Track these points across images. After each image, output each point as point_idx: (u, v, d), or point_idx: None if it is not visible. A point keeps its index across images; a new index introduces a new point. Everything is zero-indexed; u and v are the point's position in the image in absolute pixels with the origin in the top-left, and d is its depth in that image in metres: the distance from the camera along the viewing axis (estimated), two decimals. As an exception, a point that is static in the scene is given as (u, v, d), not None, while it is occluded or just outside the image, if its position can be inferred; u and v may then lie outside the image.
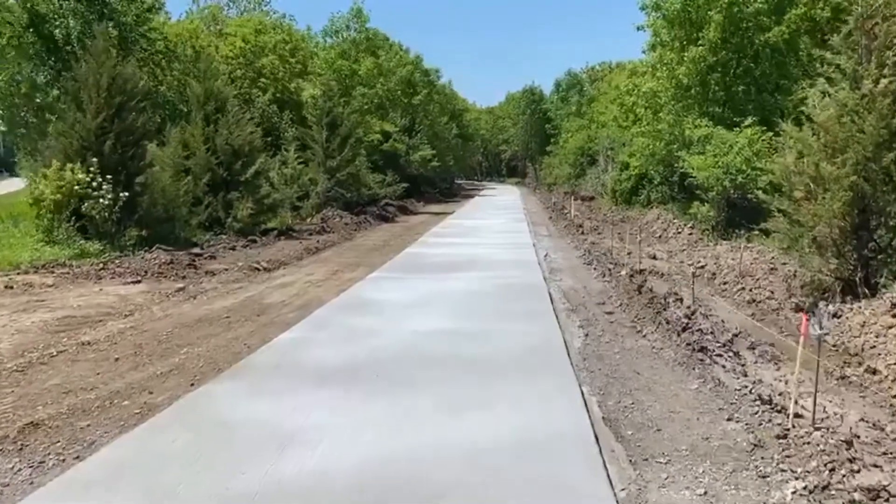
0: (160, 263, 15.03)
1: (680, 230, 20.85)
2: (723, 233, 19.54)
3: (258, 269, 15.95)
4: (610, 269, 15.15)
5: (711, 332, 9.08)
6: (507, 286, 13.50)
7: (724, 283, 13.33)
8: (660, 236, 22.01)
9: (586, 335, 9.68)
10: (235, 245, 19.72)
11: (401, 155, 43.71)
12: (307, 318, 10.57)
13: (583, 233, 23.91)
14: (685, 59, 21.56)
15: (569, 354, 8.50)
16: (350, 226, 27.24)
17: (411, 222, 32.63)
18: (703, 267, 15.17)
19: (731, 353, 8.38)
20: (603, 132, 43.33)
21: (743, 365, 8.15)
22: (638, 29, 24.21)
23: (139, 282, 13.86)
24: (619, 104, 45.96)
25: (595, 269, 16.25)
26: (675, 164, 25.77)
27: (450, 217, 34.47)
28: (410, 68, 51.63)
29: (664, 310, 10.35)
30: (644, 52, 25.60)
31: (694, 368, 7.97)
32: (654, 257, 17.62)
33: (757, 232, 18.65)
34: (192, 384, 7.37)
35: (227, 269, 15.82)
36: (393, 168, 41.17)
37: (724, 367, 7.91)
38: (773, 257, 15.33)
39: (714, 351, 8.29)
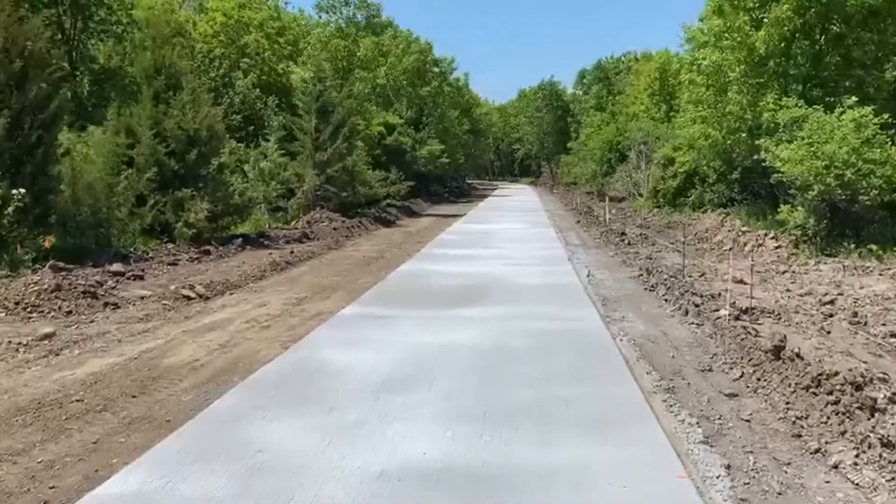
0: (39, 291, 10.34)
1: (760, 241, 16.00)
2: (823, 246, 14.68)
3: (189, 298, 11.27)
4: (695, 304, 10.34)
5: None
6: (545, 336, 8.72)
7: (894, 335, 8.50)
8: (731, 249, 17.15)
9: (730, 476, 4.89)
10: (179, 258, 15.05)
11: (406, 150, 38.95)
12: (196, 420, 5.83)
13: (628, 242, 19.07)
14: (765, 21, 16.69)
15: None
16: (340, 231, 22.51)
17: (415, 226, 27.88)
18: (831, 302, 10.34)
19: None
20: (633, 125, 38.51)
21: None
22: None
23: (-10, 322, 9.24)
24: (651, 93, 41.41)
25: (665, 299, 11.47)
26: (739, 158, 20.93)
27: (460, 220, 29.67)
28: (419, 56, 46.88)
29: (858, 409, 5.56)
30: (701, 19, 20.80)
31: None
32: (742, 281, 12.79)
33: (875, 246, 13.85)
34: None
35: (143, 298, 11.14)
36: (397, 164, 36.43)
37: None
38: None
39: None
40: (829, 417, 5.76)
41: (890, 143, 14.80)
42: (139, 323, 9.65)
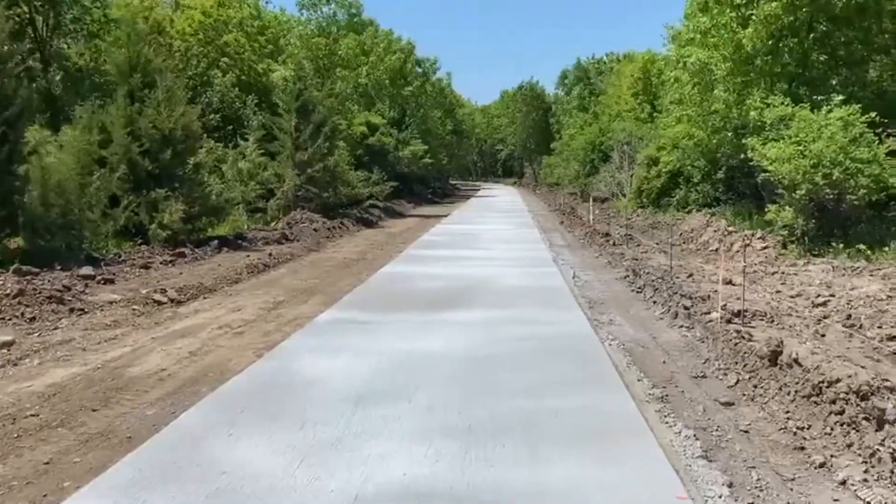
0: (0, 296, 9.84)
1: (747, 242, 15.74)
2: (811, 246, 14.45)
3: (160, 303, 10.81)
4: (685, 307, 10.03)
5: None
6: (532, 342, 8.35)
7: (892, 338, 8.20)
8: (716, 249, 16.90)
9: (733, 496, 4.55)
10: (153, 261, 14.55)
11: (389, 150, 38.48)
12: (158, 437, 5.40)
13: (613, 243, 18.77)
14: (753, 18, 16.41)
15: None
16: (321, 232, 22.05)
17: (398, 227, 27.47)
18: (824, 304, 10.06)
19: None
20: (617, 125, 38.32)
21: None
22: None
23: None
24: (634, 93, 41.25)
25: (653, 301, 11.17)
26: (724, 157, 20.73)
27: (444, 221, 29.29)
28: (401, 56, 46.43)
29: (865, 420, 5.25)
30: (686, 16, 20.52)
31: None
32: (731, 282, 12.52)
33: (863, 246, 13.63)
34: None
35: (112, 303, 10.67)
36: (380, 165, 35.98)
37: None
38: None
39: None
40: (832, 428, 5.45)
41: (878, 141, 14.60)
42: (106, 329, 9.19)
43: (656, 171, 26.17)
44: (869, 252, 13.56)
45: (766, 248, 15.16)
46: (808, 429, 5.61)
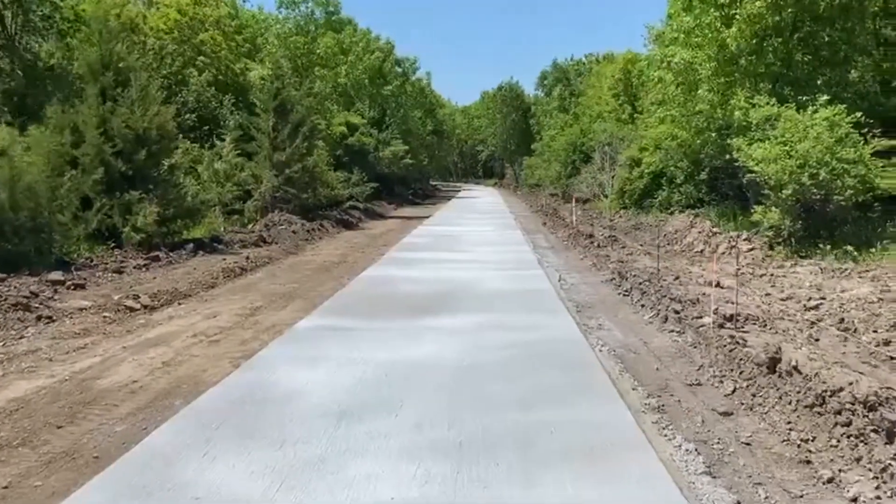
0: (-37, 304, 9.38)
1: (733, 243, 15.59)
2: (798, 248, 14.32)
3: (133, 309, 10.39)
4: (675, 311, 9.80)
5: None
6: (521, 349, 8.06)
7: (888, 343, 8.01)
8: (701, 251, 16.74)
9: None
10: (126, 265, 14.08)
11: (369, 150, 38.05)
12: (127, 457, 5.04)
13: (598, 245, 18.56)
14: (737, 18, 16.27)
15: None
16: (300, 234, 21.62)
17: (379, 229, 27.10)
18: (816, 307, 9.88)
19: None
20: (598, 126, 38.20)
21: None
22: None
23: None
24: (615, 94, 41.16)
25: (641, 304, 10.94)
26: (707, 158, 20.62)
27: (426, 223, 28.96)
28: (380, 55, 46.03)
29: (874, 433, 5.01)
30: (670, 16, 20.36)
31: None
32: (714, 284, 12.33)
33: (850, 247, 13.52)
34: None
35: (82, 310, 10.23)
36: (360, 165, 35.51)
37: None
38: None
39: None
40: (839, 441, 5.22)
41: (863, 142, 14.52)
42: (75, 338, 8.77)
43: (639, 172, 26.03)
44: (856, 253, 13.46)
45: (752, 249, 15.01)
46: (812, 441, 5.37)
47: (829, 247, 13.79)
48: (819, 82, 16.81)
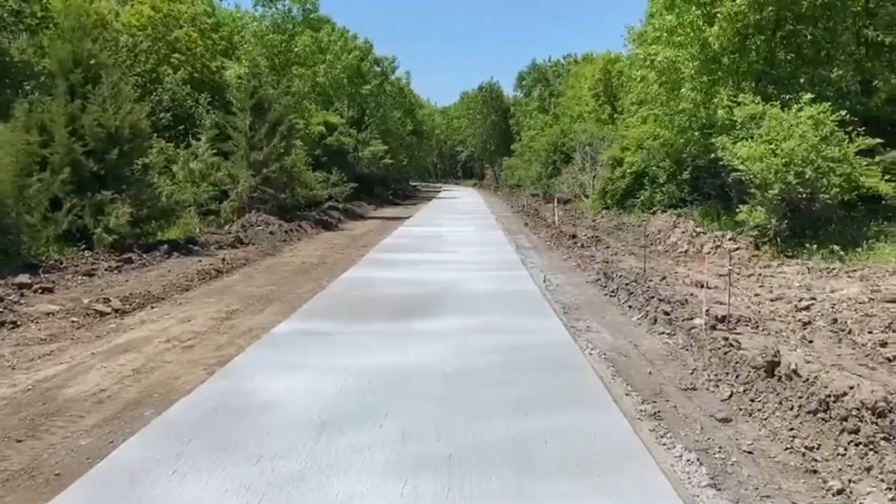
0: (-79, 309, 8.91)
1: (718, 243, 15.43)
2: (784, 247, 14.18)
3: (103, 313, 9.96)
4: (665, 312, 9.56)
5: None
6: (510, 353, 7.77)
7: (884, 344, 7.82)
8: (686, 251, 16.58)
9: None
10: (97, 267, 13.61)
11: (348, 150, 37.59)
12: (90, 475, 4.68)
13: (581, 245, 18.33)
14: (719, 16, 16.13)
15: None
16: (277, 235, 21.17)
17: (359, 229, 26.71)
18: (807, 308, 9.69)
19: None
20: (578, 126, 38.13)
21: None
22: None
23: None
24: (595, 94, 41.10)
25: (629, 305, 10.70)
26: (690, 158, 20.50)
27: (406, 223, 28.62)
28: (359, 54, 45.60)
29: (884, 441, 4.77)
30: (652, 14, 20.20)
31: None
32: (705, 285, 12.14)
33: (837, 247, 13.41)
34: None
35: (50, 314, 9.78)
36: (339, 165, 35.06)
37: None
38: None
39: None
40: (846, 449, 4.98)
41: (848, 140, 14.42)
42: (41, 345, 8.35)
43: (621, 172, 25.88)
44: (842, 253, 13.34)
45: (737, 249, 14.86)
46: (818, 448, 5.13)
47: (815, 246, 13.66)
48: (802, 80, 16.70)
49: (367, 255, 17.27)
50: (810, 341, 8.16)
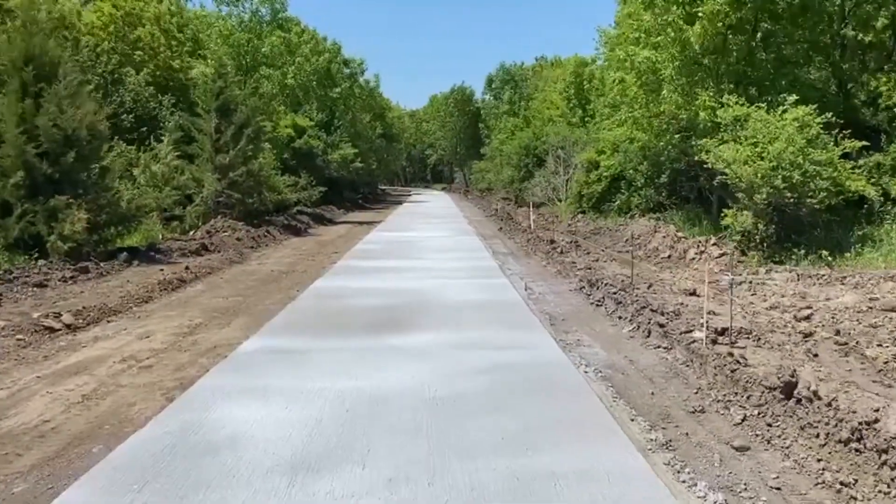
0: None
1: (702, 248, 15.01)
2: (770, 253, 13.80)
3: (53, 330, 9.14)
4: (660, 325, 9.02)
5: None
6: (501, 372, 7.15)
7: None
8: (668, 256, 16.14)
9: None
10: (50, 278, 12.72)
11: (317, 154, 36.76)
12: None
13: (560, 251, 17.81)
14: (700, 15, 15.75)
15: None
16: (244, 241, 20.34)
17: (329, 235, 25.94)
18: (807, 318, 9.24)
19: None
20: (550, 129, 37.76)
21: None
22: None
23: None
24: (566, 97, 40.81)
25: (619, 316, 10.17)
26: (668, 161, 20.14)
27: (378, 228, 27.92)
28: (328, 56, 44.77)
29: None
30: (629, 15, 19.77)
31: None
32: (695, 293, 11.70)
33: (825, 252, 13.04)
34: None
35: (-7, 332, 8.93)
36: (308, 169, 34.22)
37: None
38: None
39: None
40: (888, 485, 4.43)
41: (833, 143, 14.11)
42: (-21, 367, 7.52)
43: (596, 176, 25.47)
44: (830, 258, 12.99)
45: (723, 255, 14.44)
46: (854, 485, 4.58)
47: (802, 251, 13.28)
48: (784, 83, 16.38)
49: (339, 262, 16.55)
50: (815, 355, 7.68)
